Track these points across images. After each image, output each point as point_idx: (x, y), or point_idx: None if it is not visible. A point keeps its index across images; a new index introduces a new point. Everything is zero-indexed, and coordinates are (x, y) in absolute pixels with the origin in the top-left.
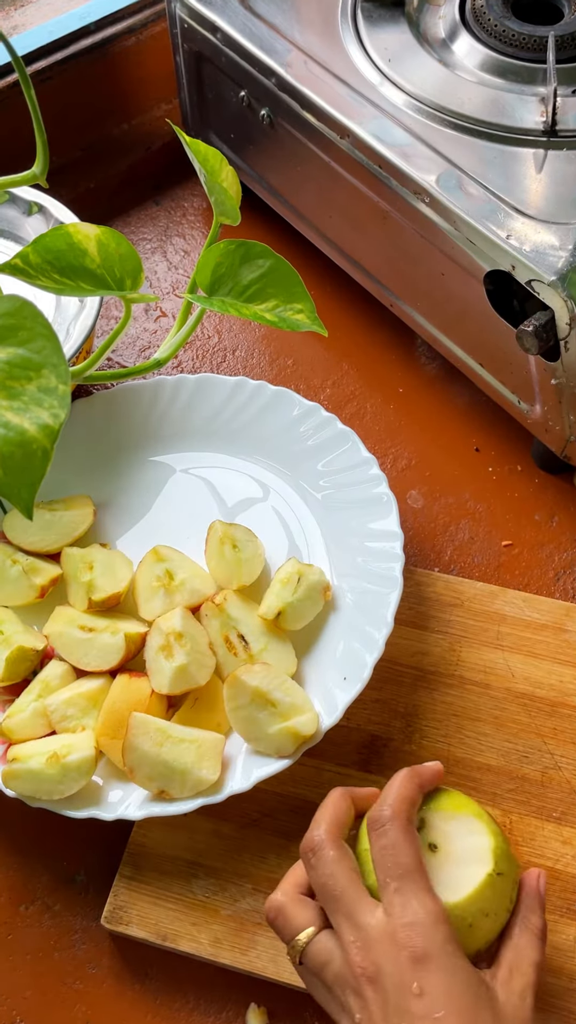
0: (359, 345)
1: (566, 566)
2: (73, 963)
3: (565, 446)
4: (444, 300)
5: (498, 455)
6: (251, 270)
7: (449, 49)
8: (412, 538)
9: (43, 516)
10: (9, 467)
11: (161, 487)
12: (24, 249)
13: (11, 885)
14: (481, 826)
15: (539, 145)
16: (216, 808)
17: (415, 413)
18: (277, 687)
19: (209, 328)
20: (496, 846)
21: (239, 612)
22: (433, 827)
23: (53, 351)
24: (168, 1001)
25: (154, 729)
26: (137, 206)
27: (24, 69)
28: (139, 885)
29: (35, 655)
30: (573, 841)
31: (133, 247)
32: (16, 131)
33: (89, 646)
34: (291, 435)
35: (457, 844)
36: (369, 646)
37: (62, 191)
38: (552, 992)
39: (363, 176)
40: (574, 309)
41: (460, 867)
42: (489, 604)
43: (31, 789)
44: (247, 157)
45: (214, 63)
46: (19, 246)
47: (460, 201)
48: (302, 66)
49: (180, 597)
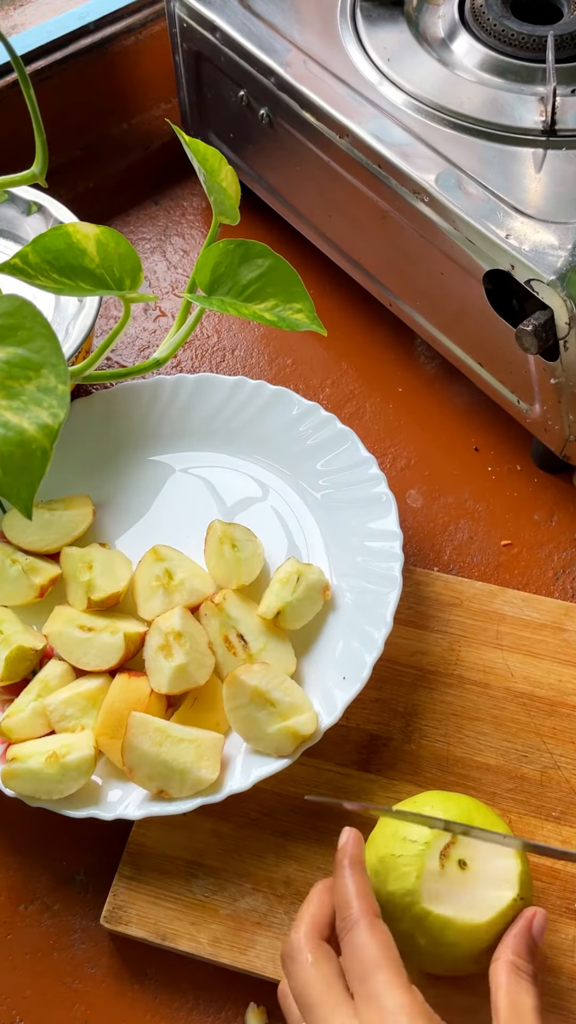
0: (358, 345)
1: (565, 566)
2: (72, 963)
3: (564, 445)
4: (443, 300)
5: (497, 455)
6: (250, 269)
7: (448, 49)
8: (411, 538)
9: (42, 516)
10: (8, 467)
11: (160, 487)
12: (23, 249)
13: (10, 885)
14: (510, 848)
15: (538, 145)
16: (215, 808)
17: (414, 413)
18: (276, 687)
19: (208, 328)
20: (523, 871)
21: (238, 612)
22: (464, 843)
23: (52, 351)
24: (167, 1001)
25: (153, 729)
26: (136, 206)
27: (23, 69)
28: (138, 885)
29: (34, 655)
30: (573, 841)
31: (132, 247)
32: (15, 131)
33: (88, 646)
34: (290, 434)
35: (486, 864)
36: (368, 646)
37: (61, 191)
38: (552, 992)
39: (362, 176)
40: (573, 308)
41: (487, 888)
42: (488, 604)
43: (30, 789)
44: (246, 157)
45: (213, 63)
46: (18, 246)
47: (459, 200)
48: (301, 65)
49: (179, 597)
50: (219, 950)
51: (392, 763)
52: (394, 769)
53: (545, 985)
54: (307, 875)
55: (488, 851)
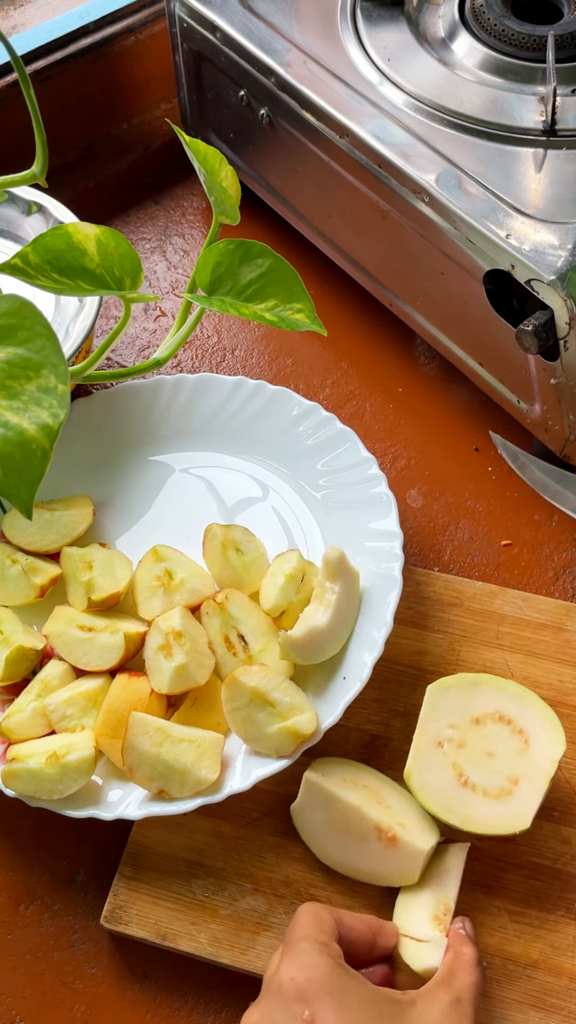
0: (358, 345)
1: (565, 565)
2: (72, 963)
3: (565, 445)
4: (443, 300)
5: (497, 455)
6: (250, 269)
7: (448, 48)
8: (411, 538)
9: (42, 516)
10: (8, 467)
11: (160, 487)
12: (23, 249)
13: (11, 885)
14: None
15: (539, 144)
16: (215, 808)
17: (414, 413)
18: (276, 687)
19: (208, 328)
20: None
21: (240, 611)
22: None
23: (52, 351)
24: (167, 1001)
25: (153, 729)
26: (136, 206)
27: (23, 69)
28: (138, 885)
29: (35, 655)
30: (572, 841)
31: (132, 247)
32: (15, 131)
33: (88, 646)
34: (290, 435)
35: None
36: (368, 645)
37: (61, 191)
38: (552, 992)
39: (362, 175)
40: (573, 308)
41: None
42: (488, 604)
43: (31, 789)
44: (246, 156)
45: (213, 62)
46: (18, 246)
47: (460, 200)
48: (301, 65)
49: (179, 597)
50: (219, 950)
51: (392, 763)
52: (394, 769)
53: (545, 985)
54: (307, 875)
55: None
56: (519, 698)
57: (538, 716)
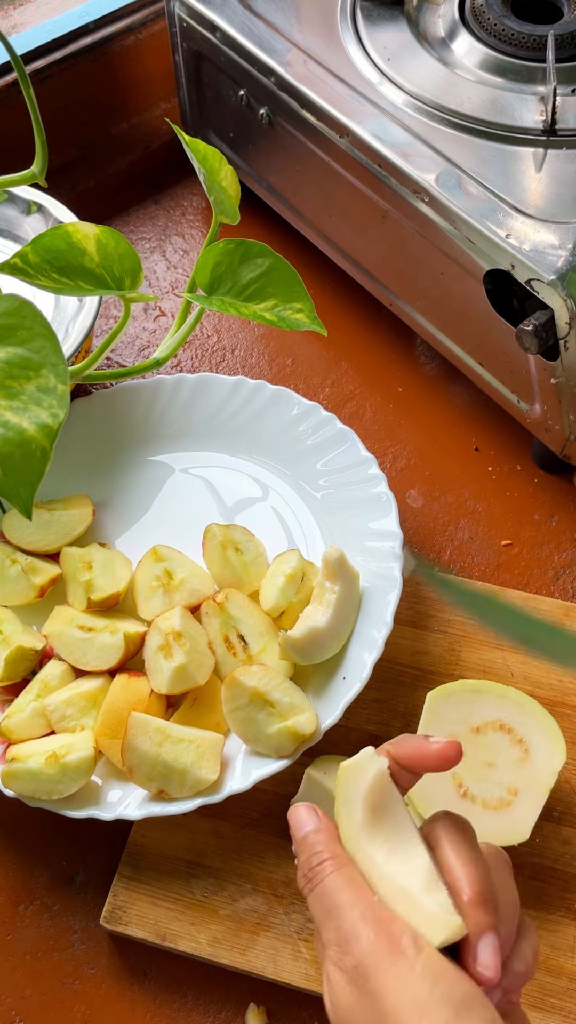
0: (358, 344)
1: (565, 565)
2: (72, 963)
3: (565, 445)
4: (444, 299)
5: (498, 455)
6: (250, 269)
7: (448, 48)
8: (411, 538)
9: (42, 516)
10: (8, 467)
11: (160, 487)
12: (23, 248)
13: (10, 885)
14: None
15: (539, 144)
16: (215, 808)
17: (415, 413)
18: (275, 687)
19: (208, 327)
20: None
21: (239, 611)
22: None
23: (52, 351)
24: (167, 1001)
25: (153, 729)
26: (136, 205)
27: (23, 68)
28: (138, 885)
29: (34, 655)
30: (572, 841)
31: (132, 246)
32: (15, 130)
33: (88, 646)
34: (290, 434)
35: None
36: (368, 646)
37: (61, 190)
38: (552, 992)
39: (362, 175)
40: (574, 308)
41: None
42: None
43: (30, 789)
44: (246, 156)
45: (213, 62)
46: (18, 245)
47: (459, 200)
48: (301, 65)
49: (179, 597)
50: (219, 950)
51: None
52: None
53: (545, 985)
54: None
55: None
56: (521, 706)
57: (539, 725)
